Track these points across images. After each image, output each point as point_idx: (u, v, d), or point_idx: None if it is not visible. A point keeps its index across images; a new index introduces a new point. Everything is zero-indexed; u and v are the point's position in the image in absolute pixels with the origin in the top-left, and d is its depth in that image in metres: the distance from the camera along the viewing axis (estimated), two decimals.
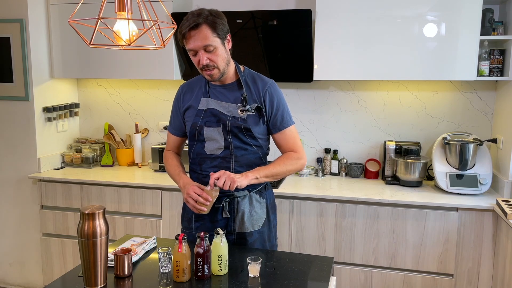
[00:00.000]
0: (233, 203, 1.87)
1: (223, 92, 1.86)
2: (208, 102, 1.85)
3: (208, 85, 1.88)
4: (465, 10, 2.55)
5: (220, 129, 1.82)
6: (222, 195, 1.83)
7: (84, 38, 1.49)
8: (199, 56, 1.73)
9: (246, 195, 1.88)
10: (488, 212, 2.47)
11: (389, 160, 2.92)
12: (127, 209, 2.93)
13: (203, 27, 1.70)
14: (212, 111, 1.83)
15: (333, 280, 1.63)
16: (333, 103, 3.12)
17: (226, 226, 1.87)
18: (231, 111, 1.82)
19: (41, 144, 3.16)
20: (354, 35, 2.70)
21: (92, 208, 1.47)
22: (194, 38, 1.71)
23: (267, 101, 1.84)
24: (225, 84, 1.86)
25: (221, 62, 1.77)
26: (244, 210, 1.86)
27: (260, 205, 1.91)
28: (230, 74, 1.85)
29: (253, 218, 1.88)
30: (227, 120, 1.81)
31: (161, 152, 3.16)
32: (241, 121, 1.81)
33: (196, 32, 1.70)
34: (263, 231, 1.91)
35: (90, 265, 1.46)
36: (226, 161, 1.84)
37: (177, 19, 2.07)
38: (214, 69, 1.76)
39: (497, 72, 2.64)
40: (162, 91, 3.42)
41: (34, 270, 3.24)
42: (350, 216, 2.62)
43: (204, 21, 1.70)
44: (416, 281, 2.58)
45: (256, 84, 1.86)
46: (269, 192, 1.99)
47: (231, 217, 1.87)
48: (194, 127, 1.86)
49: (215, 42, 1.72)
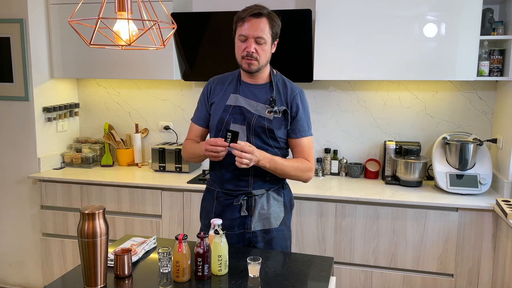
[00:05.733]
0: (251, 201, 1.87)
1: (254, 91, 1.88)
2: (237, 98, 1.86)
3: (239, 82, 1.90)
4: (465, 10, 2.55)
5: (245, 127, 1.84)
6: (240, 193, 1.86)
7: (84, 38, 1.50)
8: (247, 44, 1.77)
9: (264, 193, 1.89)
10: (488, 212, 2.47)
11: (389, 160, 2.92)
12: (127, 209, 2.93)
13: (264, 19, 1.77)
14: (241, 108, 1.85)
15: (333, 280, 1.63)
16: (333, 103, 3.12)
17: (243, 224, 1.88)
18: (258, 110, 1.84)
19: (41, 144, 3.16)
20: (354, 35, 2.70)
21: (92, 208, 1.47)
22: (252, 25, 1.76)
23: (294, 106, 1.88)
24: (257, 84, 1.89)
25: (264, 58, 1.81)
26: (262, 208, 1.87)
27: (278, 203, 1.92)
28: (264, 75, 1.89)
29: (271, 216, 1.88)
30: (252, 119, 1.83)
31: (161, 152, 3.16)
32: (266, 122, 1.83)
33: (256, 20, 1.76)
34: (282, 229, 1.92)
35: (90, 265, 1.46)
36: None
37: (177, 19, 2.08)
38: (255, 61, 1.79)
39: (497, 72, 2.64)
40: (162, 91, 3.42)
41: (34, 270, 3.24)
42: (350, 216, 2.62)
43: (267, 14, 1.78)
44: (416, 281, 2.58)
45: (286, 88, 1.90)
46: (287, 191, 2.00)
47: (248, 215, 1.87)
48: (221, 122, 1.86)
49: (267, 37, 1.78)
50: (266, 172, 1.87)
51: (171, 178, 3.00)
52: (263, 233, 1.88)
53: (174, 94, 3.40)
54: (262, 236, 1.88)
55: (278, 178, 1.93)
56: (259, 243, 1.88)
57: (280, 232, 1.91)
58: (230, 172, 1.87)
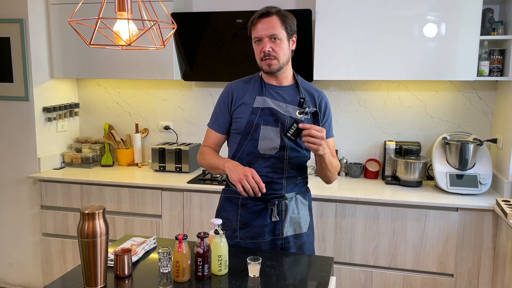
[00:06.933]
0: (281, 205, 1.84)
1: (280, 93, 1.85)
2: (265, 100, 1.82)
3: (264, 85, 1.86)
4: (465, 10, 2.55)
5: (278, 128, 1.80)
6: (272, 197, 1.82)
7: (84, 38, 1.50)
8: (263, 44, 1.75)
9: (293, 197, 1.87)
10: (488, 212, 2.47)
11: (389, 160, 2.92)
12: (127, 209, 2.93)
13: (273, 17, 1.75)
14: (271, 110, 1.81)
15: (333, 280, 1.63)
16: (333, 103, 3.12)
17: (274, 230, 1.84)
18: (289, 111, 1.81)
19: (41, 144, 3.16)
20: (354, 35, 2.70)
21: (92, 208, 1.47)
22: (262, 26, 1.75)
23: (323, 107, 1.87)
24: (282, 86, 1.86)
25: (282, 56, 1.77)
26: (293, 212, 1.85)
27: (305, 207, 1.90)
28: (288, 76, 1.86)
29: (301, 221, 1.87)
30: (285, 120, 1.80)
31: (161, 152, 3.16)
32: None
33: (266, 20, 1.75)
34: (310, 233, 1.90)
35: (90, 265, 1.46)
36: (280, 161, 1.82)
37: (177, 19, 2.08)
38: (274, 60, 1.76)
39: (497, 72, 2.64)
40: (162, 91, 3.42)
41: (34, 270, 3.24)
42: (350, 216, 2.62)
43: (276, 12, 1.76)
44: (416, 281, 2.58)
45: (310, 90, 1.88)
46: (310, 195, 1.98)
47: (280, 221, 1.84)
48: (250, 125, 1.80)
49: (281, 34, 1.75)
50: (297, 175, 1.86)
51: (171, 178, 3.00)
52: (295, 238, 1.85)
53: (174, 94, 3.40)
54: (294, 242, 1.85)
55: (305, 181, 1.92)
56: (291, 249, 1.84)
57: (309, 236, 1.89)
58: (264, 175, 1.79)
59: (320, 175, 1.92)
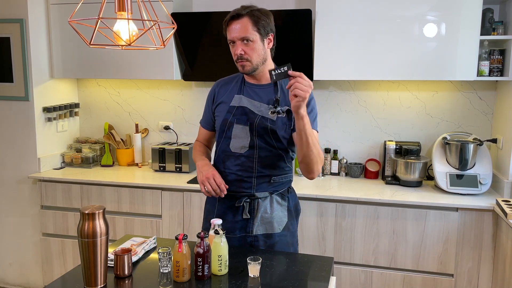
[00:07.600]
0: (253, 204, 1.86)
1: (258, 91, 1.86)
2: (241, 99, 1.85)
3: (244, 83, 1.88)
4: (465, 10, 2.55)
5: (247, 127, 1.82)
6: (242, 195, 1.85)
7: (84, 38, 1.50)
8: (235, 47, 1.76)
9: (267, 196, 1.87)
10: (488, 212, 2.47)
11: (389, 160, 2.92)
12: (127, 209, 2.93)
13: (244, 19, 1.73)
14: (244, 109, 1.83)
15: (333, 280, 1.63)
16: (333, 103, 3.12)
17: (245, 227, 1.86)
18: (261, 111, 1.82)
19: (41, 144, 3.16)
20: (354, 35, 2.70)
21: (92, 208, 1.47)
22: (234, 28, 1.74)
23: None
24: (261, 84, 1.86)
25: (256, 57, 1.77)
26: (265, 211, 1.85)
27: (282, 208, 1.89)
28: (266, 74, 1.82)
29: (274, 221, 1.86)
30: (255, 120, 1.81)
31: (161, 152, 3.16)
32: (269, 122, 1.80)
33: (237, 22, 1.73)
34: (285, 234, 1.88)
35: (90, 265, 1.46)
36: (250, 160, 1.83)
37: (177, 19, 2.07)
38: (247, 62, 1.77)
39: (497, 72, 2.64)
40: (162, 91, 3.42)
41: (34, 270, 3.24)
42: (350, 216, 2.62)
43: (247, 13, 1.73)
44: (416, 281, 2.58)
45: None
46: (292, 196, 1.96)
47: (251, 218, 1.85)
48: (224, 123, 1.85)
49: (253, 35, 1.74)
50: (270, 175, 1.85)
51: (171, 178, 3.00)
52: (265, 237, 1.86)
53: (174, 94, 3.40)
54: (264, 241, 1.86)
55: (283, 181, 1.90)
56: (260, 247, 1.86)
57: (282, 237, 1.88)
58: (234, 173, 1.85)
59: (301, 161, 1.75)
